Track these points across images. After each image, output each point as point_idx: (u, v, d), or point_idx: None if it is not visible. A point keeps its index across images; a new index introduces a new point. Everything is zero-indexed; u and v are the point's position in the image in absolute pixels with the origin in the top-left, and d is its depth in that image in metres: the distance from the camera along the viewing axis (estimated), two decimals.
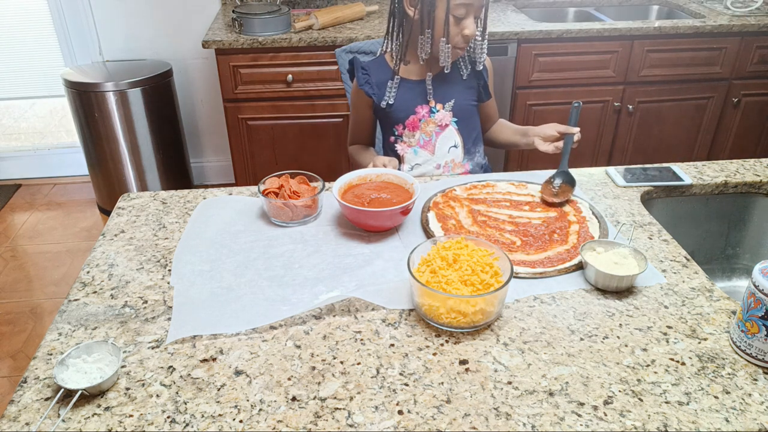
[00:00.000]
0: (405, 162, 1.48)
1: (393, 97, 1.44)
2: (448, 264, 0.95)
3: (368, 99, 1.46)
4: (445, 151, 1.47)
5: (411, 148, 1.46)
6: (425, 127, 1.45)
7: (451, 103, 1.45)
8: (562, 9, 2.85)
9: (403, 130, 1.46)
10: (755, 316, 0.83)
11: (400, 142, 1.47)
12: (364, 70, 1.46)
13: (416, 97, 1.45)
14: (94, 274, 1.06)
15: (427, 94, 1.45)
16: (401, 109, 1.45)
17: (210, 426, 0.76)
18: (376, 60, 1.48)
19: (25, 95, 3.18)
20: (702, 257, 1.35)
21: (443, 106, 1.45)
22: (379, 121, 1.54)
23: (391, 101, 1.44)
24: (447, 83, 1.45)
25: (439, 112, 1.45)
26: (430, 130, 1.45)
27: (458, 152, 1.48)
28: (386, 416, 0.77)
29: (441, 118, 1.45)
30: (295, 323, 0.93)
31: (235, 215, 1.22)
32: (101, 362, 0.84)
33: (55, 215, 2.95)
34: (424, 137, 1.46)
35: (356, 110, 1.54)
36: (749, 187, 1.33)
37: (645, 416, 0.77)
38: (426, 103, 1.45)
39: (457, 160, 1.48)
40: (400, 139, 1.47)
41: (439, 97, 1.45)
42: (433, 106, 1.45)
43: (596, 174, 1.37)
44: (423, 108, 1.45)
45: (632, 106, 2.54)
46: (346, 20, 2.49)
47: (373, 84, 1.45)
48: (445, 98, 1.45)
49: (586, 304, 0.97)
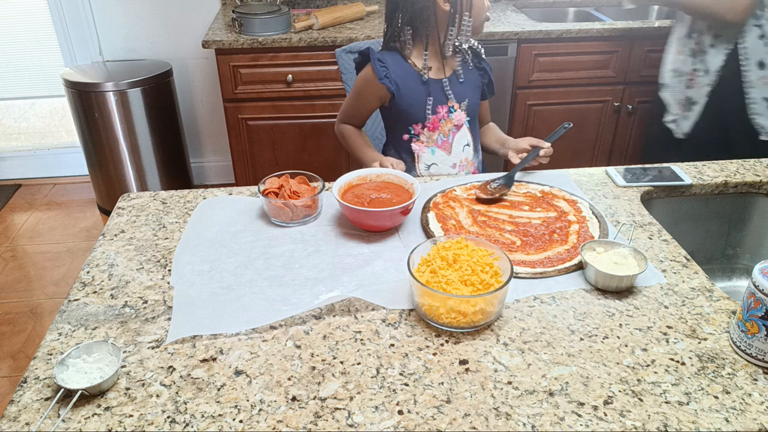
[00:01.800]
0: (420, 161, 1.47)
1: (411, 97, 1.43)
2: (448, 264, 0.95)
3: (381, 93, 1.43)
4: (460, 150, 1.47)
5: (428, 147, 1.46)
6: (444, 126, 1.45)
7: (465, 102, 1.46)
8: (562, 9, 2.85)
9: (421, 129, 1.45)
10: (755, 316, 0.83)
11: (416, 141, 1.46)
12: (381, 62, 1.42)
13: (436, 97, 1.44)
14: (94, 274, 1.06)
15: (444, 93, 1.44)
16: (422, 109, 1.43)
17: (210, 426, 0.76)
18: (390, 54, 1.44)
19: (25, 95, 3.18)
20: (702, 257, 1.35)
21: (459, 106, 1.45)
22: (390, 118, 1.51)
23: (410, 100, 1.43)
24: (461, 82, 1.45)
25: (456, 111, 1.45)
26: (447, 129, 1.45)
27: (470, 150, 1.49)
28: (386, 416, 0.77)
29: (458, 118, 1.45)
30: (295, 323, 0.93)
31: (235, 215, 1.22)
32: (101, 362, 0.84)
33: (55, 215, 2.95)
34: (443, 137, 1.45)
35: (361, 98, 1.49)
36: (749, 187, 1.33)
37: (645, 416, 0.77)
38: (445, 102, 1.44)
39: (469, 159, 1.49)
40: (416, 138, 1.46)
41: (456, 96, 1.45)
42: (451, 106, 1.45)
43: (596, 174, 1.37)
44: (443, 108, 1.44)
45: (632, 106, 2.54)
46: (346, 20, 2.49)
47: (392, 79, 1.42)
48: (460, 97, 1.45)
49: (586, 304, 0.97)
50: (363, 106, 1.51)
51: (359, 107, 1.52)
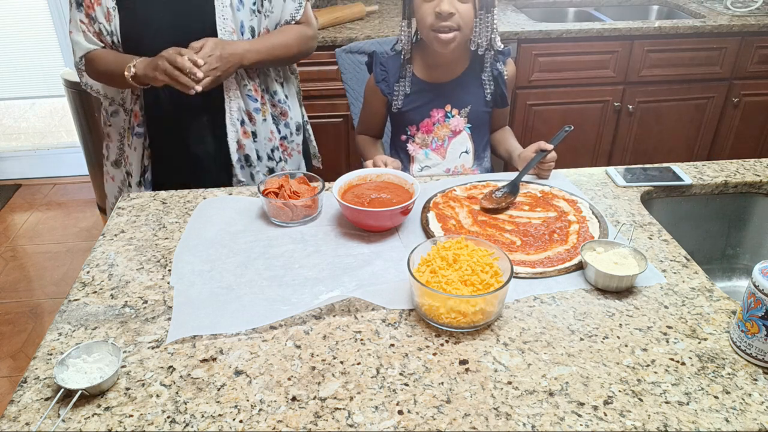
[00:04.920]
0: (415, 162, 1.47)
1: (401, 100, 1.43)
2: (448, 264, 0.95)
3: (383, 96, 1.44)
4: (456, 156, 1.46)
5: (422, 149, 1.46)
6: (438, 131, 1.44)
7: (467, 109, 1.43)
8: (562, 9, 2.85)
9: (416, 131, 1.45)
10: (755, 316, 0.83)
11: (412, 143, 1.46)
12: (382, 66, 1.43)
13: (431, 100, 1.43)
14: (94, 274, 1.06)
15: (443, 97, 1.43)
16: (415, 111, 1.43)
17: (210, 426, 0.76)
18: (396, 57, 1.44)
19: (25, 95, 3.18)
20: (702, 257, 1.35)
21: (459, 112, 1.43)
22: (391, 118, 1.52)
23: (399, 104, 1.43)
24: (465, 88, 1.43)
25: (454, 117, 1.43)
26: (443, 134, 1.44)
27: (469, 158, 1.47)
28: (386, 416, 0.77)
29: (456, 124, 1.43)
30: (295, 323, 0.93)
31: (235, 215, 1.22)
32: (101, 362, 0.84)
33: (55, 215, 2.95)
34: (437, 141, 1.44)
35: (369, 104, 1.52)
36: (749, 187, 1.33)
37: (645, 416, 0.77)
38: (441, 107, 1.43)
39: (467, 166, 1.47)
40: (412, 139, 1.46)
41: (455, 102, 1.43)
42: (448, 111, 1.43)
43: (596, 174, 1.37)
44: (438, 112, 1.43)
45: (632, 106, 2.54)
46: (346, 20, 2.49)
47: (390, 83, 1.43)
48: (461, 103, 1.43)
49: (586, 304, 0.97)
50: (371, 112, 1.52)
51: (368, 113, 1.54)
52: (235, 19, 1.37)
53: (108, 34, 1.37)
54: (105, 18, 1.36)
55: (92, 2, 1.35)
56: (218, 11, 1.36)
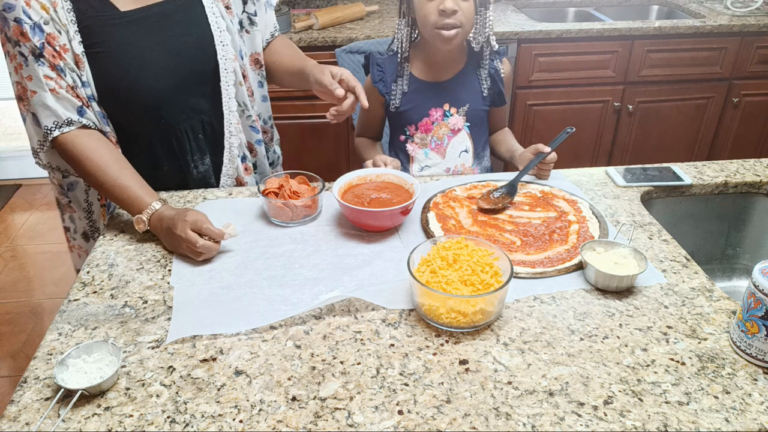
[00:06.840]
0: (415, 162, 1.47)
1: (399, 99, 1.43)
2: (448, 264, 0.95)
3: (380, 97, 1.45)
4: (456, 156, 1.46)
5: (422, 149, 1.46)
6: (437, 130, 1.44)
7: (465, 107, 1.44)
8: (562, 9, 2.85)
9: (415, 131, 1.45)
10: (755, 316, 0.83)
11: (411, 143, 1.46)
12: (379, 67, 1.44)
13: (429, 100, 1.43)
14: (94, 274, 1.06)
15: (441, 96, 1.43)
16: (414, 110, 1.43)
17: (210, 426, 0.76)
18: (392, 58, 1.45)
19: None
20: (702, 257, 1.35)
21: (457, 110, 1.44)
22: (389, 119, 1.52)
23: (397, 103, 1.43)
24: (463, 87, 1.43)
25: (453, 116, 1.43)
26: (442, 133, 1.44)
27: (468, 157, 1.47)
28: (386, 416, 0.77)
29: (454, 123, 1.44)
30: (295, 323, 0.93)
31: (235, 215, 1.22)
32: (101, 362, 0.84)
33: (55, 215, 2.95)
34: (436, 140, 1.44)
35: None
36: (749, 187, 1.33)
37: (645, 416, 0.77)
38: (440, 106, 1.43)
39: (467, 165, 1.47)
40: (411, 139, 1.46)
41: (453, 101, 1.43)
42: (447, 110, 1.44)
43: (596, 174, 1.37)
44: (436, 111, 1.43)
45: (632, 106, 2.54)
46: (346, 20, 2.49)
47: (387, 83, 1.43)
48: (460, 102, 1.43)
49: (586, 304, 0.97)
50: (370, 112, 1.51)
51: (367, 113, 1.53)
52: (234, 43, 1.31)
53: (82, 85, 1.14)
54: (77, 65, 1.13)
55: (57, 51, 1.09)
56: (216, 37, 1.26)
